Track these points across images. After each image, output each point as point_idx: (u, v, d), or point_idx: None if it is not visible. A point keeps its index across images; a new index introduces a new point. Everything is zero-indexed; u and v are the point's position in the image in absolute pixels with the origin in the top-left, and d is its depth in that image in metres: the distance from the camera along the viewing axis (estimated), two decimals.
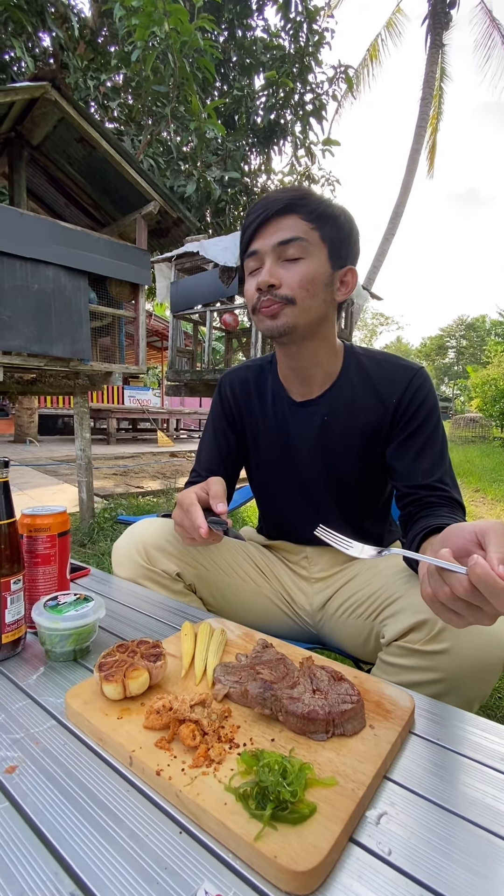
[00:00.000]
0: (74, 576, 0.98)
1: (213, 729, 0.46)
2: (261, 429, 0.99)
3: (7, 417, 9.84)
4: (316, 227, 0.80)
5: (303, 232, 0.80)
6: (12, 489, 3.28)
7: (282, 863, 0.33)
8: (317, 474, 0.95)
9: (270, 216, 0.81)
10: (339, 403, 0.90)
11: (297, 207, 0.80)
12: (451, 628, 0.70)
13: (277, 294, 0.81)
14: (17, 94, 2.25)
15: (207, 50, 4.38)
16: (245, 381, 1.02)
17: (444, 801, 0.42)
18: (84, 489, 3.10)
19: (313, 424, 0.92)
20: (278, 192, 0.83)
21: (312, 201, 0.81)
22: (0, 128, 2.60)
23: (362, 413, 0.89)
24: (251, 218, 0.83)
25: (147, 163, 4.89)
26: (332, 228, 0.82)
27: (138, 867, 0.35)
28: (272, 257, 0.81)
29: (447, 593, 0.49)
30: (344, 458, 0.92)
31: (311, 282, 0.80)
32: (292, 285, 0.80)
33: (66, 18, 4.60)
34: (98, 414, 9.26)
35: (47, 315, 2.48)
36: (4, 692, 0.57)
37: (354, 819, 0.38)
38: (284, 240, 0.79)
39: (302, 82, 5.90)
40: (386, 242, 12.70)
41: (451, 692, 0.70)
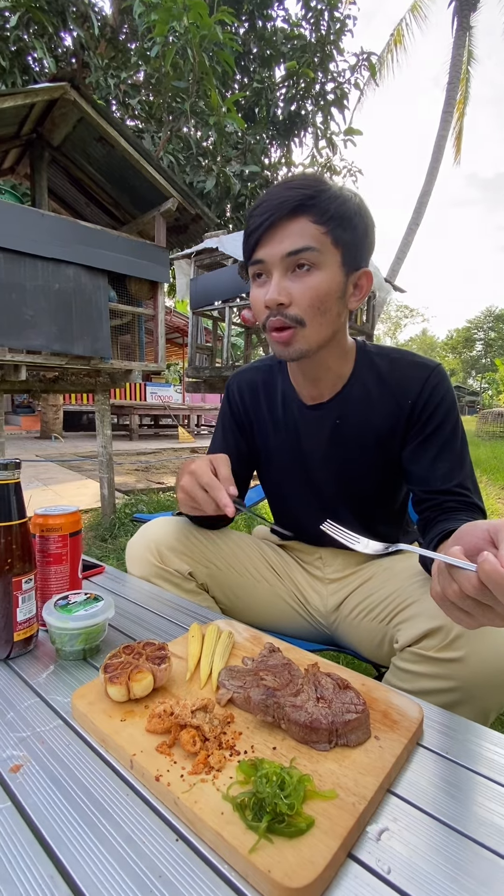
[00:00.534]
0: (89, 573, 0.99)
1: (214, 735, 0.46)
2: (270, 432, 0.97)
3: (33, 414, 10.10)
4: (328, 231, 0.72)
5: (314, 239, 0.72)
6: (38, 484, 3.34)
7: (276, 878, 0.33)
8: (329, 478, 0.93)
9: (277, 220, 0.72)
10: (352, 406, 0.87)
11: (307, 208, 0.72)
12: (467, 635, 0.68)
13: (287, 314, 0.74)
14: (37, 95, 2.28)
15: (227, 43, 4.35)
16: (253, 383, 1.00)
17: (450, 819, 0.40)
18: (105, 485, 3.15)
19: (325, 428, 0.89)
20: (285, 187, 0.73)
21: (325, 199, 0.72)
22: (22, 130, 2.65)
23: (376, 415, 0.86)
24: (255, 221, 0.74)
25: (167, 160, 4.91)
26: (347, 230, 0.74)
27: (133, 874, 0.35)
28: (280, 269, 0.74)
29: (456, 591, 0.47)
30: (357, 462, 0.89)
31: (323, 298, 0.74)
32: (303, 304, 0.74)
33: (86, 17, 4.63)
34: (121, 410, 9.40)
35: (68, 314, 2.52)
36: (15, 690, 0.58)
37: (354, 834, 0.37)
38: (294, 250, 0.72)
39: (323, 71, 5.81)
40: (410, 233, 12.41)
41: (467, 702, 0.68)
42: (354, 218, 0.74)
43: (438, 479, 0.81)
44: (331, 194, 0.73)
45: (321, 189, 0.72)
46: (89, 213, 3.38)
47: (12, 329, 2.33)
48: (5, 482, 0.65)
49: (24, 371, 2.48)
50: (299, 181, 0.74)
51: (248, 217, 0.77)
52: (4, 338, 2.32)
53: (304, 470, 0.95)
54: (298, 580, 1.04)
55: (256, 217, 0.74)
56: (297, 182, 0.74)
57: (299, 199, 0.71)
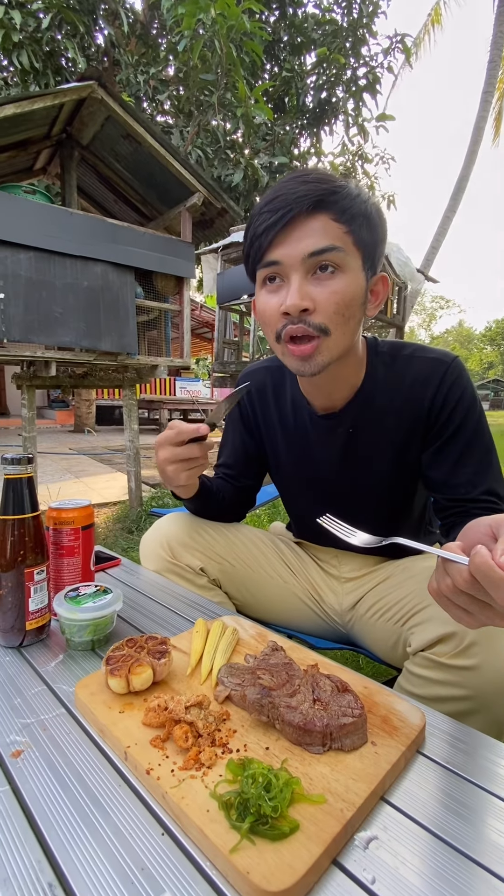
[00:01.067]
0: (106, 565, 1.01)
1: (208, 732, 0.46)
2: (280, 439, 0.94)
3: (68, 408, 10.42)
4: (350, 231, 0.66)
5: (337, 238, 0.65)
6: (70, 477, 3.45)
7: (253, 880, 0.32)
8: (344, 488, 0.89)
9: (296, 216, 0.64)
10: (365, 414, 0.82)
11: (327, 205, 0.64)
12: (482, 643, 0.65)
13: (311, 322, 0.67)
14: (65, 95, 2.32)
15: (256, 32, 4.29)
16: (262, 385, 0.96)
17: (445, 833, 0.39)
18: (133, 478, 3.22)
19: (337, 438, 0.85)
20: (299, 180, 0.66)
21: (346, 195, 0.65)
22: (52, 130, 2.71)
23: (391, 421, 0.81)
24: (267, 218, 0.66)
25: (195, 154, 4.91)
26: (368, 230, 0.67)
27: (116, 865, 0.35)
28: (300, 272, 0.66)
29: (449, 586, 0.46)
30: (373, 471, 0.85)
31: (349, 304, 0.67)
32: (328, 311, 0.66)
33: (116, 15, 4.68)
34: (150, 405, 9.56)
35: (96, 311, 2.58)
36: (24, 677, 0.60)
37: (340, 841, 0.37)
38: (317, 250, 0.64)
39: (355, 56, 5.65)
40: (447, 220, 11.97)
41: (479, 711, 0.66)
42: (374, 217, 0.69)
43: (462, 485, 0.76)
44: (350, 190, 0.67)
45: (340, 184, 0.66)
46: (118, 211, 3.44)
47: (42, 326, 2.41)
48: (18, 476, 0.68)
49: (53, 367, 2.55)
50: (314, 175, 0.66)
51: (256, 214, 0.68)
52: (35, 335, 2.39)
53: (317, 479, 0.92)
54: (314, 578, 1.03)
55: (268, 213, 0.66)
56: (311, 176, 0.66)
57: (320, 193, 0.64)
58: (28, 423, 2.74)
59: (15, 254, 2.29)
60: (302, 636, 1.01)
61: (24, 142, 2.70)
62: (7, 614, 0.67)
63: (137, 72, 4.85)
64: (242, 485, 1.04)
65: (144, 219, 3.35)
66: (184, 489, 0.87)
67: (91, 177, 3.24)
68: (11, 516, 0.67)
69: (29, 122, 2.44)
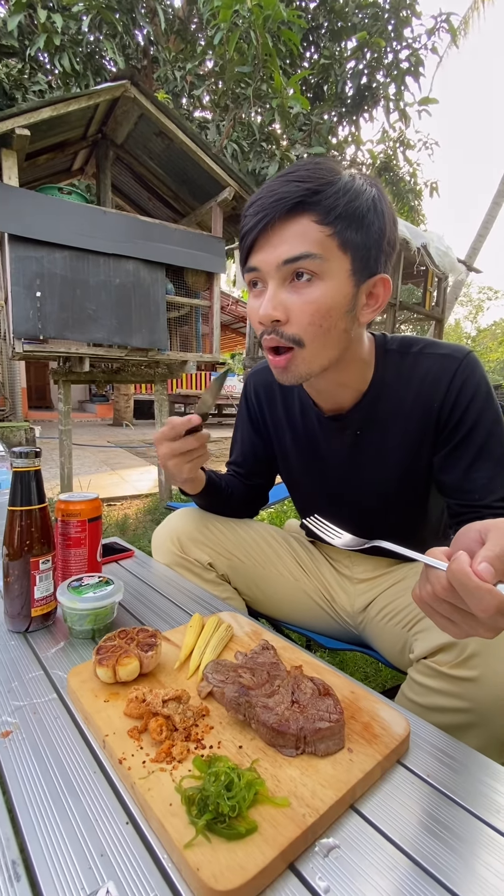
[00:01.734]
0: (119, 556, 1.04)
1: (184, 726, 0.47)
2: (288, 440, 0.93)
3: (107, 403, 10.76)
4: (335, 233, 0.61)
5: (316, 244, 0.61)
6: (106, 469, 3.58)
7: (202, 877, 0.33)
8: (352, 491, 0.87)
9: (273, 221, 0.61)
10: (373, 415, 0.79)
11: (309, 206, 0.60)
12: (483, 654, 0.63)
13: (284, 333, 0.65)
14: (99, 95, 2.38)
15: (294, 21, 4.22)
16: (269, 383, 0.94)
17: (414, 850, 0.38)
18: (162, 471, 3.29)
19: (345, 440, 0.83)
20: (284, 179, 0.62)
21: (331, 194, 0.60)
22: (88, 131, 2.78)
23: (400, 422, 0.78)
24: (249, 221, 0.64)
25: (231, 148, 4.91)
26: (358, 231, 0.62)
27: (78, 849, 0.37)
28: (275, 279, 0.63)
29: (429, 592, 0.44)
30: (382, 474, 0.83)
31: (325, 314, 0.63)
32: (301, 321, 0.63)
33: (155, 12, 4.73)
34: (186, 400, 9.71)
35: (128, 307, 2.64)
36: (25, 661, 0.63)
37: (298, 846, 0.36)
38: (290, 258, 0.61)
39: (397, 38, 5.44)
40: (495, 207, 11.37)
41: (479, 725, 0.63)
42: (368, 215, 0.62)
43: (476, 490, 0.72)
44: (339, 187, 0.61)
45: (327, 181, 0.61)
46: (152, 208, 3.49)
47: (77, 323, 2.49)
48: (26, 469, 0.70)
49: (87, 363, 2.64)
50: (302, 171, 0.62)
51: (242, 216, 0.66)
52: (69, 331, 2.48)
53: (325, 481, 0.90)
54: (326, 578, 1.02)
55: (250, 217, 0.63)
56: (299, 173, 0.62)
57: (300, 195, 0.60)
58: (64, 417, 2.85)
59: (51, 253, 2.38)
60: (314, 636, 1.01)
61: (62, 143, 2.78)
62: (14, 601, 0.70)
63: (175, 68, 4.88)
64: (253, 483, 1.04)
65: (177, 215, 3.38)
66: (190, 484, 0.88)
67: (126, 175, 3.31)
68: (19, 507, 0.70)
69: (66, 124, 2.52)
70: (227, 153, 4.84)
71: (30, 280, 2.33)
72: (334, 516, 0.94)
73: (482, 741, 0.63)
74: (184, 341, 3.37)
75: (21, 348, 2.41)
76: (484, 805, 0.42)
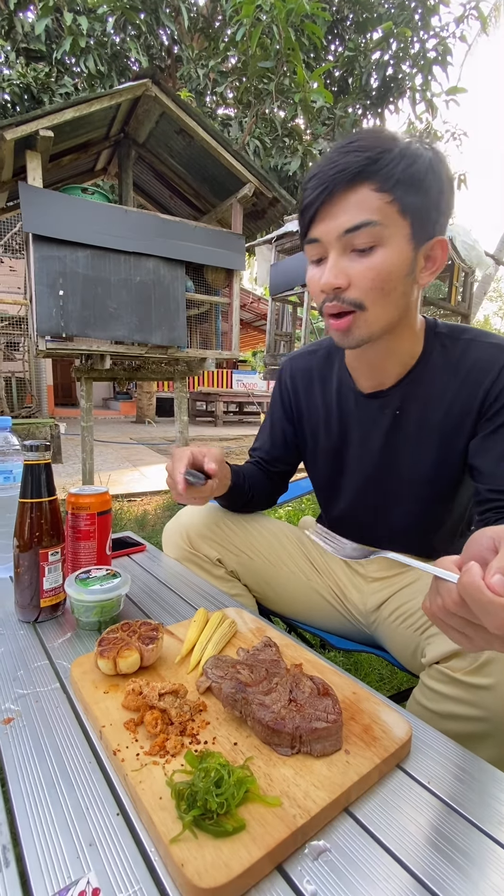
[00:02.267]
0: (130, 551, 1.05)
1: (180, 720, 0.46)
2: (321, 423, 0.92)
3: (130, 400, 10.92)
4: (395, 200, 0.62)
5: (376, 211, 0.62)
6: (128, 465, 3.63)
7: (186, 873, 0.32)
8: (382, 476, 0.86)
9: (333, 191, 0.63)
10: (415, 395, 0.79)
11: (368, 175, 0.61)
12: (499, 662, 0.60)
13: (345, 298, 0.67)
14: (121, 95, 2.40)
15: (317, 14, 4.17)
16: (307, 369, 0.95)
17: (408, 858, 0.36)
18: None
19: (382, 420, 0.82)
20: (342, 150, 0.63)
21: (389, 161, 0.61)
22: (111, 131, 2.82)
23: (443, 406, 0.77)
24: (309, 194, 0.65)
25: (253, 144, 4.89)
26: (417, 194, 0.63)
27: (67, 837, 0.37)
28: (337, 249, 0.66)
29: (440, 606, 0.42)
30: (416, 459, 0.81)
31: (386, 278, 0.65)
32: (362, 286, 0.65)
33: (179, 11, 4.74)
34: (207, 397, 9.77)
35: (148, 305, 2.66)
36: (32, 651, 0.64)
37: (287, 848, 0.36)
38: (352, 227, 0.63)
39: (425, 27, 5.30)
40: None
41: (494, 735, 0.61)
42: (427, 178, 0.63)
43: None
44: (397, 153, 0.62)
45: (385, 149, 0.62)
46: (173, 206, 3.51)
47: (98, 321, 2.53)
48: (36, 462, 0.72)
49: (108, 360, 2.68)
50: (359, 142, 0.63)
51: (302, 189, 0.68)
52: (91, 329, 2.52)
53: (354, 465, 0.89)
54: (338, 575, 1.01)
55: (310, 189, 0.65)
56: (356, 144, 0.63)
57: (360, 164, 0.61)
58: (85, 414, 2.90)
59: (73, 252, 2.42)
60: (325, 635, 0.99)
61: (85, 144, 2.83)
62: (24, 591, 0.72)
63: (198, 66, 4.89)
64: (277, 470, 1.04)
65: (198, 213, 3.39)
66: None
67: (148, 174, 3.34)
68: (29, 500, 0.71)
69: (88, 125, 2.56)
70: (248, 150, 4.83)
71: (53, 279, 2.37)
72: (359, 506, 0.93)
73: (498, 752, 0.61)
74: (204, 339, 3.38)
75: (44, 346, 2.46)
76: (488, 816, 0.40)
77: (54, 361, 9.09)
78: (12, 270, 7.25)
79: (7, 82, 4.54)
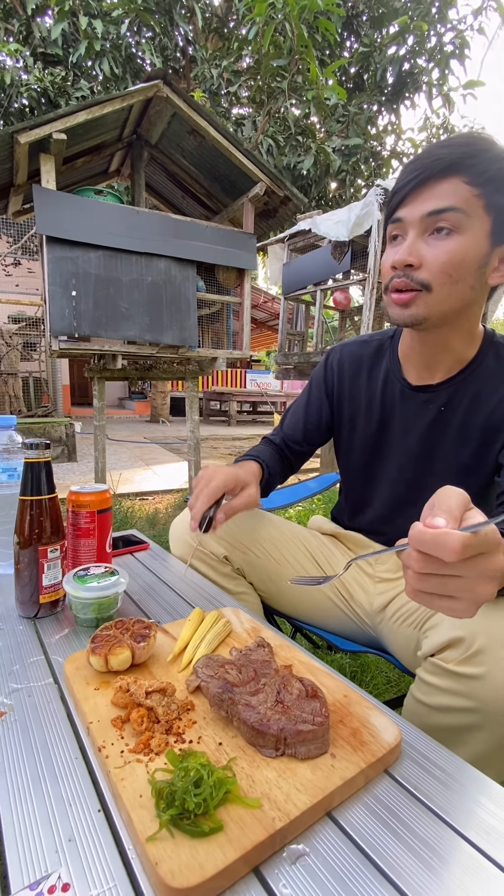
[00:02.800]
0: (134, 549, 1.06)
1: (167, 719, 0.46)
2: (362, 411, 0.93)
3: (145, 399, 11.02)
4: (482, 194, 0.65)
5: (462, 200, 0.65)
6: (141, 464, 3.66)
7: (159, 871, 0.32)
8: (416, 469, 0.86)
9: (426, 178, 0.66)
10: (463, 394, 0.79)
11: (462, 168, 0.64)
12: (490, 651, 0.59)
13: (414, 277, 0.69)
14: (132, 97, 2.42)
15: (332, 10, 4.14)
16: (357, 357, 0.95)
17: (390, 867, 0.35)
18: (192, 467, 3.33)
19: (426, 414, 0.83)
20: (441, 144, 0.67)
21: (485, 159, 0.64)
22: (123, 132, 2.84)
23: (487, 411, 0.78)
24: (405, 178, 0.70)
25: (266, 143, 4.88)
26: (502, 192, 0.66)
27: (48, 832, 0.37)
28: (417, 230, 0.68)
29: (411, 575, 0.43)
30: (454, 457, 0.82)
31: (458, 265, 0.67)
32: (433, 268, 0.67)
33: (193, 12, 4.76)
34: (221, 397, 9.79)
35: (159, 305, 2.68)
36: (29, 646, 0.65)
37: (264, 850, 0.35)
38: (436, 210, 0.66)
39: (441, 20, 5.21)
40: None
41: (485, 727, 0.59)
42: None
43: None
44: (493, 154, 0.65)
45: (482, 148, 0.65)
46: (186, 207, 3.52)
47: (109, 321, 2.55)
48: (36, 461, 0.73)
49: (119, 360, 2.70)
50: (460, 140, 0.67)
51: (400, 176, 0.72)
52: (103, 329, 2.55)
53: (390, 457, 0.90)
54: (344, 575, 1.00)
55: (405, 175, 0.69)
56: (458, 140, 0.67)
57: (456, 157, 0.65)
58: (98, 413, 2.93)
59: (86, 253, 2.45)
60: (329, 636, 0.99)
61: (99, 146, 2.85)
62: (24, 587, 0.73)
63: (211, 66, 4.90)
64: (299, 450, 1.04)
65: (210, 212, 3.40)
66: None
67: (161, 175, 3.36)
68: (29, 497, 0.72)
69: (101, 127, 2.58)
70: (262, 149, 4.82)
71: (66, 280, 2.40)
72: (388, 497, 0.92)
73: (489, 746, 0.60)
74: (216, 338, 3.39)
75: (57, 346, 2.50)
76: (474, 825, 0.39)
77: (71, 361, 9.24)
78: (30, 272, 7.37)
79: (25, 87, 4.62)
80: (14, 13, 4.83)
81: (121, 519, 2.73)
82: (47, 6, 4.50)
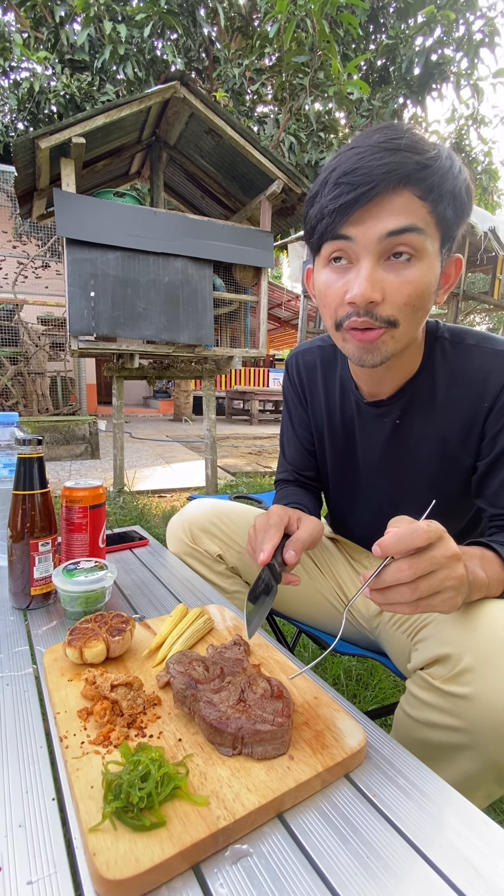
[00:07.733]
0: (133, 545, 1.07)
1: (130, 713, 0.47)
2: (325, 424, 0.90)
3: (169, 398, 11.15)
4: (434, 211, 0.58)
5: (419, 218, 0.57)
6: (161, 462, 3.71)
7: (95, 862, 0.33)
8: (383, 484, 0.83)
9: (380, 191, 0.56)
10: (416, 405, 0.75)
11: (417, 180, 0.56)
12: (477, 670, 0.57)
13: (378, 315, 0.60)
14: (150, 99, 2.45)
15: (356, 3, 4.08)
16: (312, 366, 0.91)
17: (331, 872, 0.35)
18: (209, 465, 3.35)
19: (382, 428, 0.79)
20: (382, 146, 0.56)
21: (437, 170, 0.56)
22: (143, 134, 2.88)
23: (444, 416, 0.73)
24: (346, 191, 0.57)
25: (288, 141, 4.85)
26: (454, 209, 0.59)
27: (2, 819, 0.38)
28: (373, 254, 0.58)
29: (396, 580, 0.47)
30: (417, 470, 0.78)
31: (421, 295, 0.60)
32: (397, 301, 0.59)
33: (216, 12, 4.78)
34: (243, 396, 9.81)
35: (175, 305, 2.71)
36: (15, 636, 0.67)
37: (206, 848, 0.35)
38: (398, 229, 0.57)
39: (470, 8, 5.05)
40: None
41: (473, 747, 0.57)
42: (463, 195, 0.60)
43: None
44: (443, 164, 0.58)
45: (432, 156, 0.57)
46: (205, 206, 3.55)
47: (127, 321, 2.60)
48: (29, 456, 0.75)
49: (137, 359, 2.75)
50: (405, 141, 0.57)
51: (331, 183, 0.59)
52: (120, 329, 2.59)
53: (357, 471, 0.87)
54: (342, 577, 0.99)
55: (347, 186, 0.57)
56: (402, 142, 0.56)
57: (410, 167, 0.56)
58: (117, 411, 2.99)
59: (104, 254, 2.50)
60: (326, 637, 0.97)
61: (119, 149, 2.90)
62: (16, 579, 0.75)
63: (233, 65, 4.91)
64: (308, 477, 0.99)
65: (229, 211, 3.41)
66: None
67: (180, 175, 3.39)
68: (21, 492, 0.74)
69: (120, 130, 2.63)
70: (284, 146, 4.79)
71: (85, 280, 2.46)
72: (357, 510, 0.91)
73: (477, 765, 0.58)
74: (234, 337, 3.40)
75: (76, 346, 2.56)
76: (428, 839, 0.38)
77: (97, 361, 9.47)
78: (59, 274, 7.57)
79: (53, 94, 4.74)
80: (44, 21, 4.97)
81: (136, 515, 2.77)
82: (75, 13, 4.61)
